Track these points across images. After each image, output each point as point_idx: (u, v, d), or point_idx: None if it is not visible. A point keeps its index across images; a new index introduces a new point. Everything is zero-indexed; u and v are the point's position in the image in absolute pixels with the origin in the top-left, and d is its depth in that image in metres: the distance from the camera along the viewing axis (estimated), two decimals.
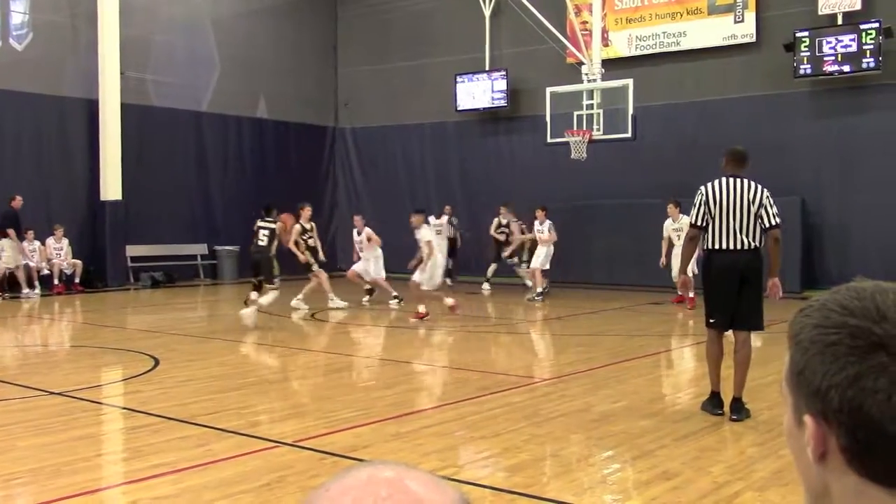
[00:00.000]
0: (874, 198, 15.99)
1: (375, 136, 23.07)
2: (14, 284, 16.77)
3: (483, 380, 8.52)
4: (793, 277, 14.91)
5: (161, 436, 6.23)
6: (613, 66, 17.08)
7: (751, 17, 17.54)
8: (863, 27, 15.79)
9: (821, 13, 16.53)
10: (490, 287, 18.08)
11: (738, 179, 6.80)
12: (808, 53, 16.34)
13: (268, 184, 21.18)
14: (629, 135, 15.69)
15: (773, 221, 6.73)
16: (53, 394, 7.69)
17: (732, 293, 6.75)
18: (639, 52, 18.77)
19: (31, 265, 17.02)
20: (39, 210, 17.60)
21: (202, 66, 20.71)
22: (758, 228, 6.74)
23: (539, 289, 16.35)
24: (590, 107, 15.91)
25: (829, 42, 16.14)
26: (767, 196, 6.75)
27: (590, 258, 18.41)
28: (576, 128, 16.00)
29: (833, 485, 0.89)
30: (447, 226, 18.40)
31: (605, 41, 18.17)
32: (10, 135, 17.76)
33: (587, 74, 15.92)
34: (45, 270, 17.39)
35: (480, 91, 20.74)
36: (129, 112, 18.79)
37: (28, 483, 5.18)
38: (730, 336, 6.99)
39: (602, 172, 17.95)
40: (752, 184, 6.79)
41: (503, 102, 20.45)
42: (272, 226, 12.61)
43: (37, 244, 17.20)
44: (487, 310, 16.11)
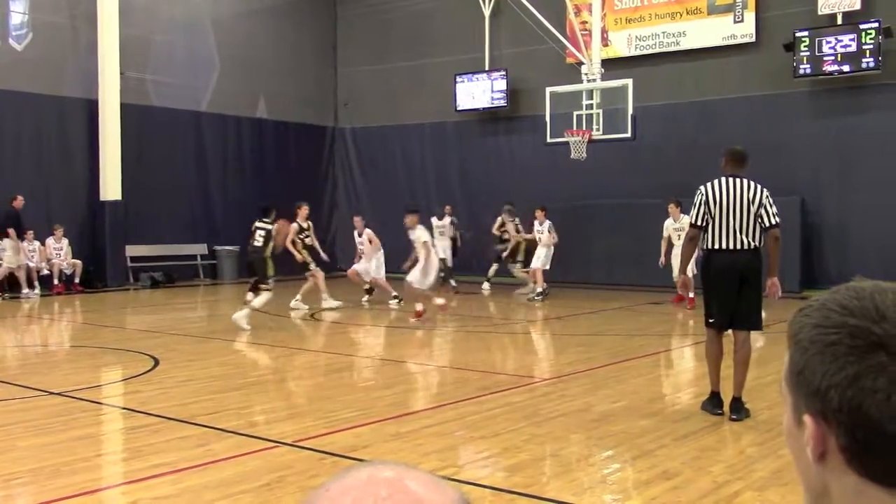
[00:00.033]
0: (873, 198, 16.00)
1: (375, 136, 23.07)
2: (14, 285, 16.77)
3: (483, 380, 8.52)
4: (792, 277, 14.92)
5: (161, 436, 6.23)
6: (613, 66, 17.08)
7: (750, 17, 17.55)
8: (862, 27, 15.80)
9: (820, 13, 16.54)
10: (490, 287, 18.06)
11: (738, 179, 6.81)
12: (808, 53, 16.34)
13: (267, 184, 21.19)
14: (629, 135, 15.70)
15: (773, 221, 6.74)
16: (53, 394, 7.70)
17: (732, 293, 6.76)
18: (638, 52, 18.78)
19: (31, 265, 17.02)
20: (39, 210, 17.59)
21: (202, 66, 20.71)
22: (757, 228, 6.75)
23: (539, 288, 16.34)
24: (589, 107, 15.91)
25: (829, 42, 16.15)
26: (767, 196, 6.76)
27: (589, 258, 18.41)
28: (575, 128, 16.00)
29: (832, 484, 0.89)
30: (449, 227, 18.39)
31: (605, 41, 18.17)
32: (10, 135, 17.76)
33: (587, 74, 15.92)
34: (45, 270, 17.39)
35: (480, 91, 20.74)
36: (129, 112, 18.79)
37: (28, 483, 5.18)
38: (730, 335, 6.99)
39: (602, 172, 17.95)
40: (752, 183, 6.80)
41: (503, 102, 20.45)
42: (269, 227, 12.61)
43: (36, 244, 17.19)
44: (487, 310, 16.10)
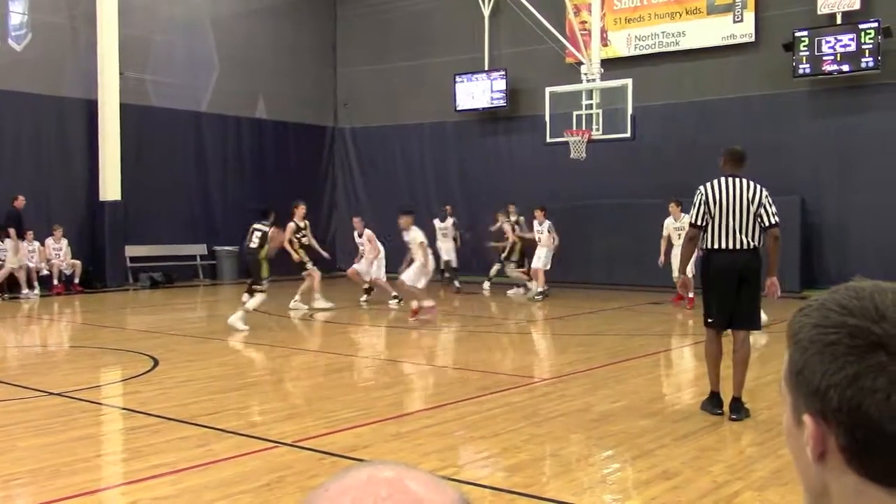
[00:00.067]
0: (873, 197, 16.00)
1: (375, 136, 23.06)
2: (13, 285, 16.77)
3: (483, 380, 8.52)
4: (792, 277, 14.92)
5: (161, 436, 6.23)
6: (612, 66, 17.08)
7: (750, 17, 17.55)
8: (862, 27, 15.80)
9: (820, 13, 16.54)
10: (491, 286, 18.05)
11: (738, 179, 6.81)
12: (808, 53, 16.35)
13: (267, 184, 21.19)
14: (628, 135, 15.69)
15: (773, 220, 6.74)
16: (53, 394, 7.69)
17: (731, 293, 6.76)
18: (638, 52, 18.78)
19: (31, 266, 17.02)
20: (39, 210, 17.60)
21: (201, 67, 20.71)
22: (757, 228, 6.75)
23: (540, 288, 16.35)
24: (589, 107, 15.90)
25: (829, 42, 16.15)
26: (766, 196, 6.77)
27: (589, 258, 18.40)
28: (575, 128, 15.99)
29: (832, 484, 0.89)
30: (451, 228, 18.40)
31: (605, 41, 18.18)
32: (10, 135, 17.76)
33: (586, 74, 15.91)
34: (45, 271, 17.39)
35: (480, 91, 20.74)
36: (129, 112, 18.79)
37: (28, 484, 5.18)
38: (730, 335, 6.99)
39: (601, 172, 17.95)
40: (751, 183, 6.81)
41: (502, 102, 20.45)
42: (265, 229, 12.62)
43: (36, 244, 17.19)
44: (487, 310, 16.10)
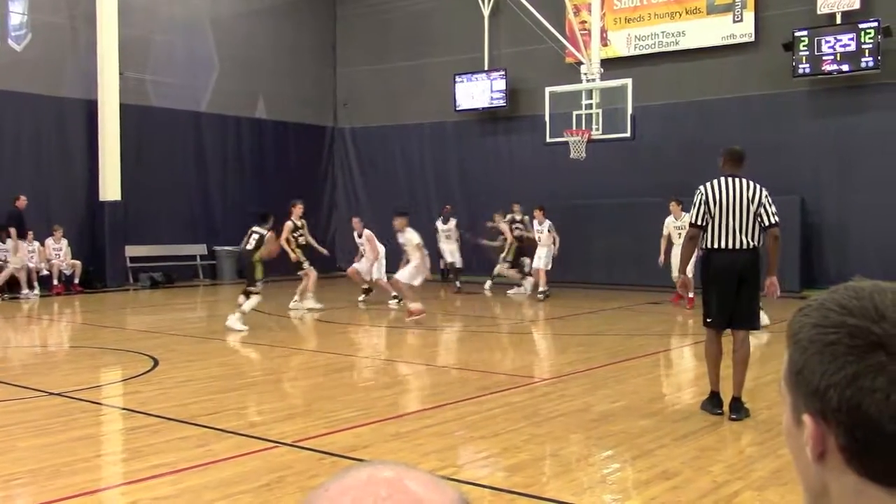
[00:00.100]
0: (873, 197, 16.00)
1: (374, 136, 23.06)
2: (13, 285, 16.77)
3: (482, 379, 8.51)
4: (792, 277, 14.93)
5: (161, 436, 6.23)
6: (612, 66, 17.08)
7: (749, 17, 17.55)
8: (862, 26, 15.80)
9: (820, 12, 16.54)
10: (492, 286, 18.03)
11: (737, 179, 6.82)
12: (807, 53, 16.34)
13: (267, 184, 21.19)
14: (628, 134, 15.70)
15: (772, 220, 6.75)
16: (53, 394, 7.69)
17: (731, 293, 6.76)
18: (638, 52, 18.78)
19: (31, 266, 17.02)
20: (39, 211, 17.59)
21: (201, 67, 20.70)
22: (757, 228, 6.76)
23: (542, 287, 16.36)
24: (589, 106, 15.91)
25: (828, 41, 16.15)
26: (766, 195, 6.77)
27: (589, 258, 18.40)
28: (575, 127, 16.00)
29: (832, 484, 0.89)
30: (455, 230, 18.41)
31: (604, 41, 18.18)
32: (10, 135, 17.76)
33: (586, 74, 15.92)
34: (45, 271, 17.39)
35: (479, 91, 20.74)
36: (129, 112, 18.79)
37: (27, 484, 5.18)
38: (730, 335, 6.99)
39: (601, 172, 17.95)
40: (751, 183, 6.81)
41: (502, 102, 20.46)
42: (263, 232, 12.66)
43: (36, 245, 17.19)
44: (487, 310, 16.09)
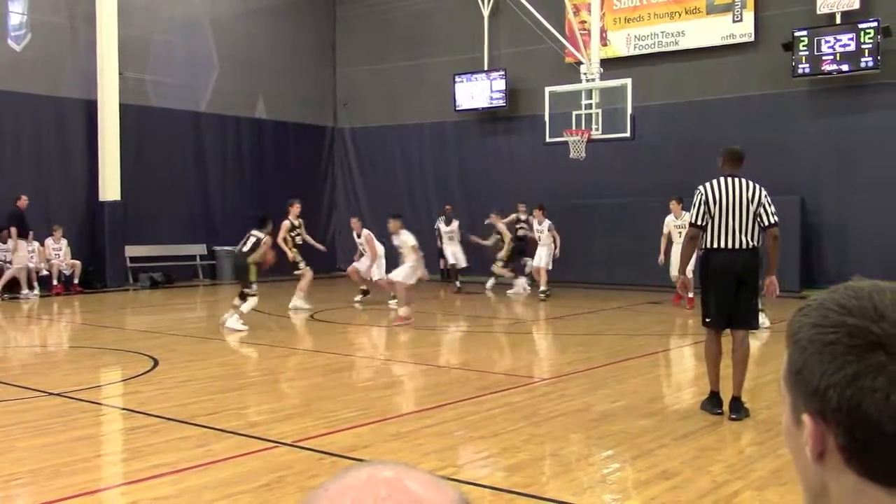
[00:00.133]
0: (872, 197, 16.00)
1: (374, 136, 23.06)
2: (13, 285, 16.76)
3: (482, 379, 8.52)
4: (791, 276, 14.93)
5: (160, 436, 6.23)
6: (612, 66, 17.07)
7: (749, 17, 17.55)
8: (861, 26, 15.80)
9: (819, 12, 16.54)
10: (493, 285, 17.99)
11: (737, 179, 6.82)
12: (807, 53, 16.35)
13: (266, 184, 21.19)
14: (628, 134, 15.70)
15: (772, 220, 6.75)
16: (52, 395, 7.69)
17: (730, 293, 6.76)
18: (637, 52, 18.78)
19: (31, 266, 17.01)
20: (38, 211, 17.58)
21: (201, 67, 20.70)
22: (756, 228, 6.76)
23: (542, 287, 16.37)
24: (588, 106, 15.91)
25: (828, 41, 16.15)
26: (766, 195, 6.78)
27: (589, 258, 18.40)
28: (574, 127, 16.00)
29: (831, 484, 0.89)
30: (458, 231, 18.42)
31: (604, 41, 18.18)
32: (10, 136, 17.75)
33: (586, 74, 15.92)
34: (44, 271, 17.38)
35: (479, 91, 20.74)
36: (128, 112, 18.78)
37: (27, 484, 5.18)
38: (729, 335, 6.99)
39: (601, 172, 17.95)
40: (751, 183, 6.82)
41: (502, 102, 20.46)
42: (261, 235, 12.68)
43: (35, 245, 17.18)
44: (487, 310, 16.09)
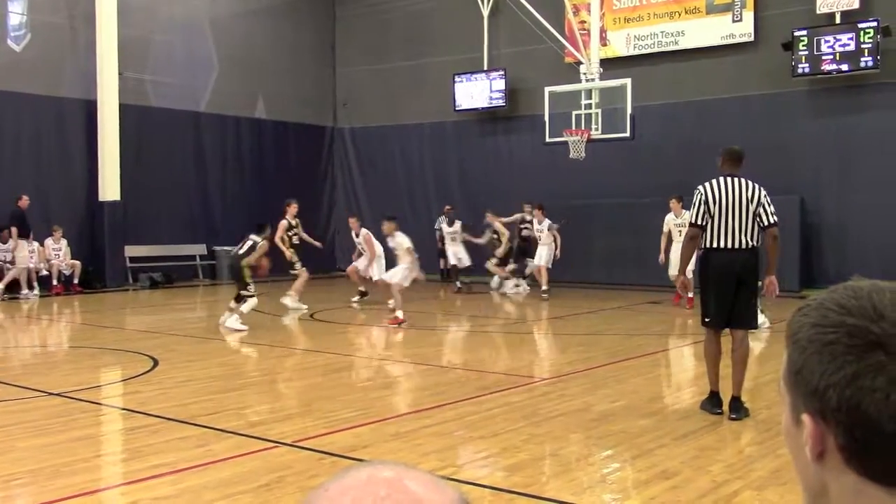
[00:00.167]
0: (872, 197, 16.01)
1: (374, 136, 23.06)
2: (13, 285, 16.76)
3: (482, 379, 8.52)
4: (791, 276, 14.93)
5: (160, 436, 6.23)
6: (612, 66, 17.07)
7: (749, 17, 17.55)
8: (861, 26, 15.81)
9: (819, 12, 16.54)
10: (500, 284, 17.96)
11: (737, 179, 6.83)
12: (807, 52, 16.35)
13: (266, 184, 21.18)
14: (628, 134, 15.71)
15: (771, 220, 6.76)
16: (52, 395, 7.69)
17: (729, 293, 6.77)
18: (637, 52, 18.79)
19: (30, 266, 17.01)
20: (38, 211, 17.59)
21: (200, 67, 20.70)
22: (756, 228, 6.77)
23: (544, 286, 16.38)
24: (588, 106, 15.91)
25: (828, 41, 16.15)
26: (765, 195, 6.79)
27: (589, 258, 18.40)
28: (574, 127, 16.01)
29: (831, 484, 0.89)
30: (461, 232, 18.42)
31: (604, 41, 18.18)
32: (9, 136, 17.75)
33: (585, 74, 15.92)
34: (44, 271, 17.38)
35: (479, 91, 20.74)
36: (128, 112, 18.78)
37: (27, 484, 5.18)
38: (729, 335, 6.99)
39: (601, 172, 17.96)
40: (750, 183, 6.82)
41: (502, 102, 20.46)
42: (258, 240, 12.72)
43: (35, 245, 17.18)
44: (487, 309, 16.08)
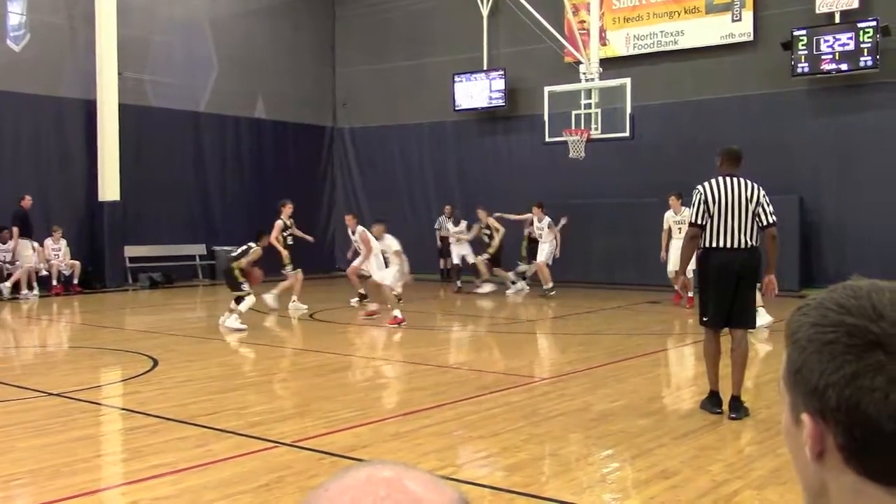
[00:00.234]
0: (872, 196, 16.01)
1: (373, 136, 23.06)
2: (13, 285, 16.74)
3: (481, 379, 8.52)
4: (791, 276, 14.93)
5: (160, 436, 6.23)
6: (611, 66, 17.07)
7: (748, 16, 17.55)
8: (860, 25, 15.81)
9: (818, 11, 16.55)
10: (514, 278, 17.97)
11: (736, 178, 6.83)
12: (806, 52, 16.35)
13: (266, 184, 21.17)
14: (627, 134, 15.71)
15: (770, 220, 6.77)
16: (52, 395, 7.69)
17: (728, 292, 6.77)
18: (636, 52, 18.78)
19: (30, 266, 17.01)
20: (38, 211, 17.57)
21: (200, 67, 20.69)
22: (755, 227, 6.77)
23: (548, 285, 16.39)
24: (588, 106, 15.91)
25: (827, 40, 16.16)
26: (764, 195, 6.80)
27: (588, 257, 18.41)
28: (574, 127, 16.01)
29: (831, 483, 0.90)
30: (466, 230, 18.43)
31: (603, 40, 18.17)
32: (9, 136, 17.74)
33: (585, 74, 15.92)
34: (44, 271, 17.38)
35: (478, 91, 20.74)
36: (127, 112, 18.78)
37: (27, 484, 5.18)
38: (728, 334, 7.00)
39: (600, 172, 17.96)
40: (750, 183, 6.83)
41: (501, 102, 20.45)
42: (254, 246, 12.79)
43: (35, 245, 17.17)
44: (487, 309, 16.08)
